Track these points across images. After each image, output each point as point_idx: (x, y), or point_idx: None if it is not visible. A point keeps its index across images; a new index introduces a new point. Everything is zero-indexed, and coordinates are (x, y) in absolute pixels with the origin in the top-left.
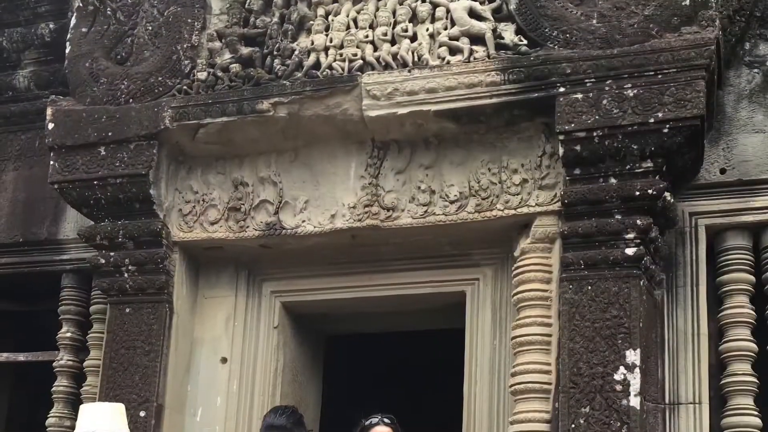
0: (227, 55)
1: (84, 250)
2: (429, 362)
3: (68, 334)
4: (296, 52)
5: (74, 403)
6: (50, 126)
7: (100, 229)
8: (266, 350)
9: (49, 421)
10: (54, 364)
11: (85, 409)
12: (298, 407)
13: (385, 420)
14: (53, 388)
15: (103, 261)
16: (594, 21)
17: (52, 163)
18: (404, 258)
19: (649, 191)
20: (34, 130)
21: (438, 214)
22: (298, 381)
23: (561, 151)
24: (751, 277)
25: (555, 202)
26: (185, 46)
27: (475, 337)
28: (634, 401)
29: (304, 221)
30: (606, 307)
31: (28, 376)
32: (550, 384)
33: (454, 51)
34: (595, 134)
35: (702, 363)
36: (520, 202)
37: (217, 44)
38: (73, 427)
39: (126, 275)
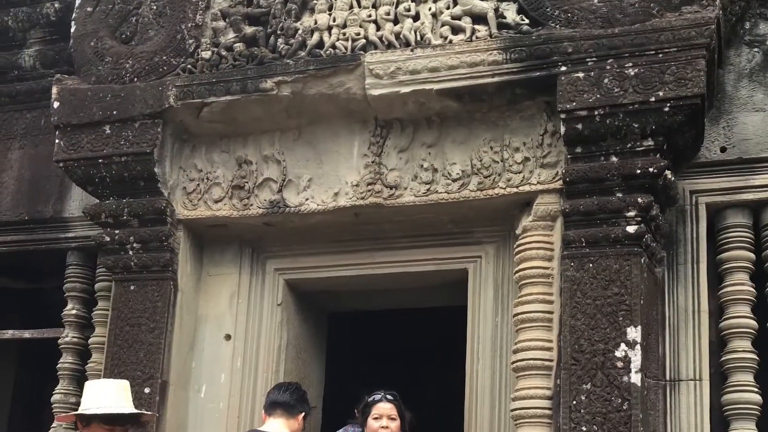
0: (231, 35)
1: (89, 228)
2: (431, 339)
3: (73, 312)
4: (300, 32)
5: (79, 379)
6: (55, 105)
7: (104, 207)
8: (270, 327)
9: (55, 397)
10: (59, 341)
11: (90, 386)
12: (302, 384)
13: (388, 396)
14: (58, 365)
15: (107, 239)
16: (595, 0)
17: (57, 141)
18: (407, 236)
19: (650, 169)
20: (40, 109)
21: (440, 192)
22: (301, 358)
23: (562, 129)
24: (751, 255)
25: (556, 180)
26: (189, 25)
27: (477, 314)
28: (635, 378)
29: (307, 199)
30: (607, 285)
31: (34, 353)
32: (551, 361)
33: (456, 30)
34: (596, 113)
35: (702, 340)
36: (521, 180)
37: (221, 23)
38: (78, 404)
39: (131, 253)
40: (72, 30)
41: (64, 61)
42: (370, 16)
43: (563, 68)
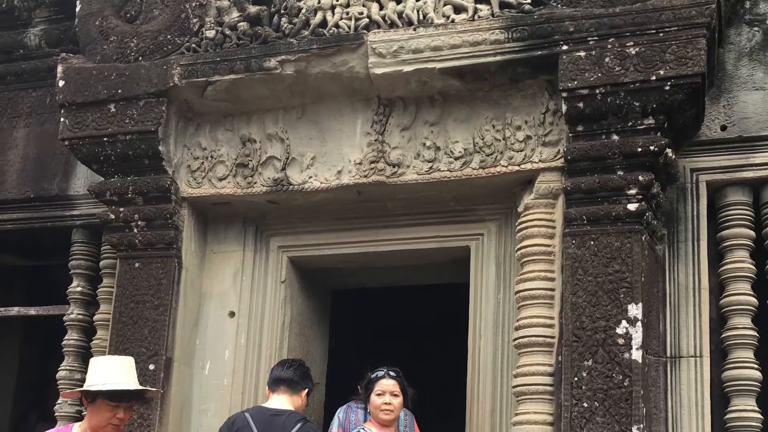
0: (235, 14)
1: (94, 206)
2: (434, 316)
3: (78, 289)
4: (303, 11)
5: (84, 356)
6: (61, 83)
7: (109, 185)
8: (273, 304)
9: (60, 374)
10: (64, 318)
11: (95, 363)
12: (305, 360)
13: (391, 373)
14: (63, 342)
15: (112, 216)
16: None
17: (62, 119)
18: (409, 213)
19: (651, 147)
20: (45, 88)
21: (443, 170)
22: (305, 334)
23: (564, 108)
24: (752, 233)
25: (558, 159)
26: (194, 4)
27: (480, 291)
28: (636, 354)
29: (310, 177)
30: (608, 262)
31: (39, 329)
32: (553, 338)
33: (458, 9)
34: (597, 91)
35: (703, 317)
36: (523, 159)
37: (225, 2)
38: (83, 380)
39: (135, 230)
40: (77, 9)
41: (69, 40)
42: None
43: (564, 47)
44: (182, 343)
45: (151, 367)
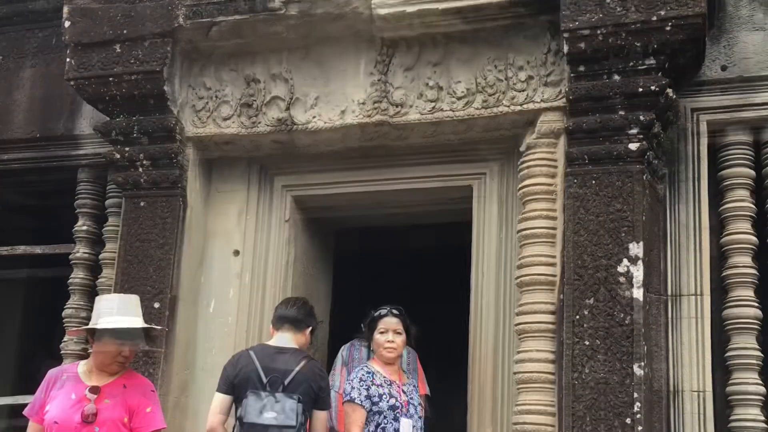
0: None
1: (99, 146)
2: (438, 254)
3: (84, 228)
4: None
5: (90, 294)
6: (67, 24)
7: (115, 125)
8: (278, 243)
9: (66, 312)
10: (70, 256)
11: (100, 301)
12: (309, 299)
13: (394, 311)
14: (69, 280)
15: (118, 156)
16: None
17: (68, 60)
18: (412, 153)
19: (652, 88)
20: (51, 28)
21: (445, 110)
22: (308, 273)
23: (565, 48)
24: (752, 172)
25: (560, 99)
26: None
27: (482, 230)
28: (637, 293)
29: (314, 117)
30: (610, 201)
31: (45, 268)
32: (555, 276)
33: None
34: (599, 32)
35: (703, 255)
36: (525, 99)
37: None
38: (89, 318)
39: (140, 170)
40: None
41: None
42: None
43: None
44: (187, 281)
45: (157, 305)
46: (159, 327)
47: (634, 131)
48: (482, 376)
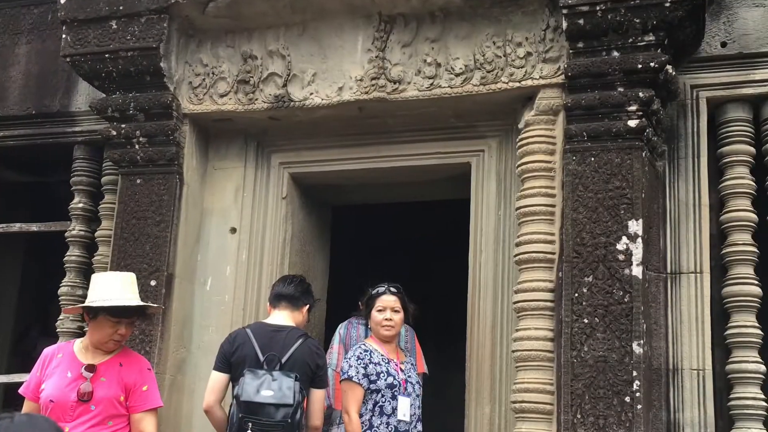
0: None
1: (96, 122)
2: (435, 233)
3: (80, 205)
4: None
5: (86, 272)
6: (62, 0)
7: (111, 102)
8: (275, 220)
9: (61, 290)
10: (66, 234)
11: (96, 279)
12: (306, 276)
13: (392, 289)
14: (65, 258)
15: (114, 133)
16: None
17: (64, 36)
18: (410, 130)
19: (651, 64)
20: (47, 4)
21: (444, 87)
22: (306, 251)
23: (564, 24)
24: (752, 149)
25: (559, 75)
26: None
27: (480, 207)
28: (636, 270)
29: (312, 93)
30: (609, 178)
31: (41, 245)
32: (553, 254)
33: None
34: (598, 8)
35: (703, 233)
36: (524, 75)
37: None
38: (85, 296)
39: (137, 147)
40: None
41: None
42: None
43: None
44: (184, 259)
45: (153, 283)
46: (155, 305)
47: (633, 108)
48: (480, 355)
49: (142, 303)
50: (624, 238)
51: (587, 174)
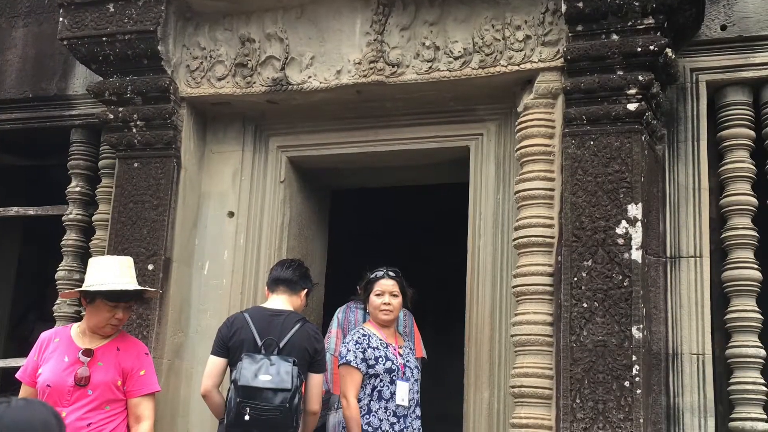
0: None
1: (93, 106)
2: (434, 217)
3: (77, 189)
4: None
5: (83, 256)
6: None
7: (108, 85)
8: (273, 204)
9: (59, 274)
10: (63, 218)
11: (94, 263)
12: (304, 260)
13: (390, 273)
14: (62, 242)
15: (111, 116)
16: None
17: (61, 19)
18: (409, 113)
19: (651, 47)
20: None
21: (442, 70)
22: (304, 234)
23: (563, 7)
24: (752, 132)
25: (558, 58)
26: None
27: (479, 191)
28: (636, 254)
29: (310, 77)
30: (608, 162)
31: (38, 230)
32: (552, 238)
33: None
34: None
35: (703, 217)
36: (523, 58)
37: None
38: (82, 280)
39: (134, 130)
40: None
41: None
42: None
43: None
44: (181, 243)
45: (150, 267)
46: (153, 289)
47: (632, 91)
48: (479, 339)
49: (139, 287)
50: (623, 222)
51: (586, 158)
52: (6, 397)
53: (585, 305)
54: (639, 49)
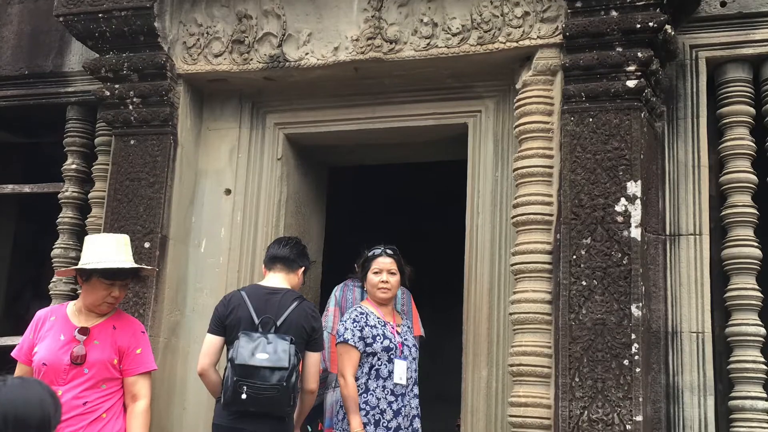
0: None
1: (89, 83)
2: (432, 194)
3: (73, 166)
4: None
5: (79, 234)
6: None
7: (104, 62)
8: (270, 182)
9: (54, 252)
10: (59, 195)
11: (90, 240)
12: (302, 238)
13: (388, 251)
14: (58, 220)
15: (107, 93)
16: None
17: None
18: (407, 90)
19: (650, 24)
20: None
21: (440, 47)
22: (301, 212)
23: None
24: (751, 110)
25: (556, 35)
26: None
27: (478, 168)
28: (635, 232)
29: (307, 54)
30: (607, 139)
31: (34, 207)
32: (551, 215)
33: None
34: None
35: (702, 194)
36: (521, 35)
37: None
38: (78, 258)
39: (131, 107)
40: None
41: None
42: None
43: None
44: (178, 220)
45: (147, 245)
46: (149, 267)
47: (631, 68)
48: (477, 317)
49: (135, 265)
50: (622, 200)
51: (585, 135)
52: (2, 376)
53: (584, 283)
54: (638, 26)
